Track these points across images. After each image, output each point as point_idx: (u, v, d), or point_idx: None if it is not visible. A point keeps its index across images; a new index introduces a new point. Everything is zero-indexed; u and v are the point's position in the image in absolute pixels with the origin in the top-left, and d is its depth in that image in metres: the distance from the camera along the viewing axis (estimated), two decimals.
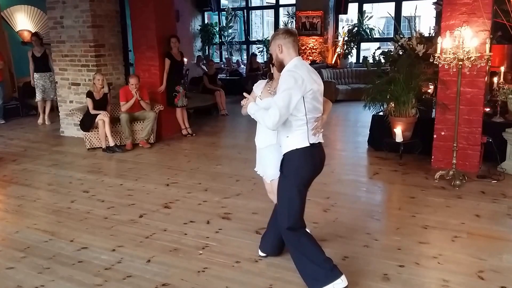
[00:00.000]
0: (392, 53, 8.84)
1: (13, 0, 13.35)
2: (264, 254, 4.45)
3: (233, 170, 7.37)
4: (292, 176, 3.80)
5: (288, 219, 3.83)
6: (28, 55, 11.27)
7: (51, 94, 11.40)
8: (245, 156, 8.14)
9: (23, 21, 13.54)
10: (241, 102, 3.96)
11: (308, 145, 3.72)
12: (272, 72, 4.12)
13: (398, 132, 7.42)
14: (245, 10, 18.86)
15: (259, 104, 3.98)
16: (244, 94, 3.97)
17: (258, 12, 23.47)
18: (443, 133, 6.99)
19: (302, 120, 3.69)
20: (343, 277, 3.72)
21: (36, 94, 11.43)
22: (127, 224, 5.37)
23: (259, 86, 4.26)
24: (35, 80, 11.33)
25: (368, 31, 15.88)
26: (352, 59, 16.10)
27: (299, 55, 3.83)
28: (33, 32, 12.46)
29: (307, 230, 3.99)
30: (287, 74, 3.65)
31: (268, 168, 4.27)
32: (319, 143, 3.83)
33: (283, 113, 3.55)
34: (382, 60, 8.93)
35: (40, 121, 11.61)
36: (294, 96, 3.56)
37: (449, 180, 6.40)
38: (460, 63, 5.95)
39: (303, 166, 3.77)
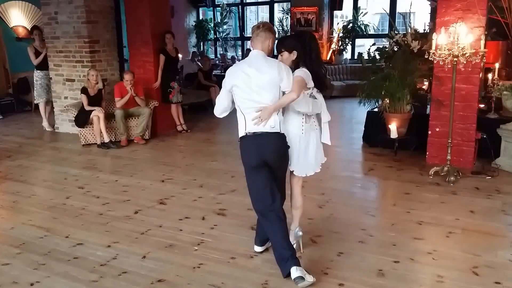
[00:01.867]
0: (387, 50, 8.83)
1: None
2: (260, 249, 4.46)
3: (228, 166, 7.37)
4: (243, 165, 4.14)
5: (253, 204, 4.14)
6: (29, 51, 10.22)
7: (51, 95, 10.45)
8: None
9: (18, 17, 13.45)
10: None
11: (244, 134, 3.99)
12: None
13: (393, 128, 7.43)
14: (240, 6, 18.81)
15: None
16: None
17: (253, 8, 23.42)
18: (437, 129, 7.00)
19: (239, 111, 4.02)
20: (294, 269, 3.80)
21: (40, 95, 10.45)
22: (122, 220, 5.37)
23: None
24: (37, 78, 10.41)
25: (363, 27, 15.84)
26: (347, 55, 16.08)
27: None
28: (31, 26, 11.81)
29: (279, 216, 3.99)
30: None
31: None
32: (262, 132, 3.93)
33: (218, 104, 4.16)
34: (377, 57, 8.92)
35: (47, 127, 10.51)
36: (222, 89, 4.07)
37: (443, 176, 6.42)
38: (455, 59, 5.96)
39: (244, 155, 4.09)
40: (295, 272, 3.77)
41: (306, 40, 4.21)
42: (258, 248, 4.47)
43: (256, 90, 3.86)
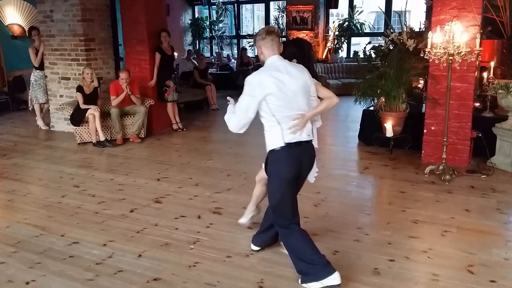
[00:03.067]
0: (382, 48, 8.85)
1: None
2: (257, 248, 4.46)
3: (224, 165, 7.37)
4: (273, 177, 3.86)
5: (275, 216, 3.91)
6: (31, 53, 10.20)
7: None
8: (236, 151, 8.16)
9: (13, 15, 13.41)
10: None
11: (283, 144, 3.71)
12: None
13: (389, 127, 7.44)
14: (235, 4, 18.80)
15: None
16: (228, 98, 4.00)
17: (249, 6, 23.42)
18: (433, 128, 7.01)
19: (272, 121, 3.70)
20: (335, 275, 3.72)
21: (38, 97, 10.37)
22: (118, 219, 5.37)
23: None
24: (37, 78, 10.33)
25: (358, 25, 15.88)
26: (343, 53, 16.10)
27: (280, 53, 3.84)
28: (29, 27, 11.88)
29: (300, 226, 3.97)
30: (247, 78, 3.72)
31: None
32: (301, 141, 3.77)
33: (241, 118, 3.71)
34: (373, 55, 8.94)
35: (42, 125, 10.50)
36: (251, 101, 3.65)
37: (439, 174, 6.43)
38: (450, 58, 5.97)
39: (280, 167, 3.78)
40: (339, 279, 3.72)
41: (306, 48, 4.25)
42: (255, 247, 4.47)
43: (291, 96, 3.67)
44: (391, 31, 8.90)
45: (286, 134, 3.70)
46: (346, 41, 16.12)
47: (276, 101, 3.64)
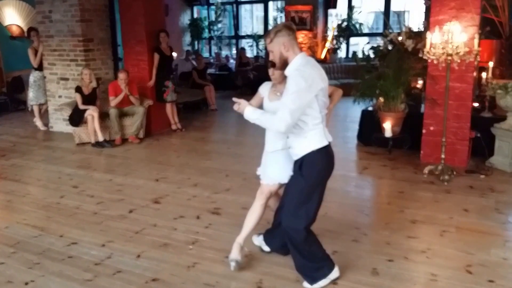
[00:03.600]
0: (381, 48, 8.85)
1: None
2: (268, 250, 4.43)
3: (223, 165, 7.37)
4: (314, 178, 3.72)
5: (306, 220, 3.75)
6: (30, 54, 10.19)
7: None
8: (235, 151, 8.15)
9: (12, 15, 13.42)
10: (234, 107, 3.72)
11: (327, 143, 3.66)
12: (272, 75, 3.93)
13: (387, 127, 7.44)
14: (234, 5, 18.80)
15: (268, 107, 3.93)
16: (234, 99, 3.70)
17: (248, 6, 23.39)
18: (432, 128, 7.02)
19: (318, 118, 3.57)
20: (337, 267, 3.89)
21: (37, 97, 10.40)
22: (116, 220, 5.37)
23: (265, 87, 4.10)
24: (36, 79, 10.35)
25: (357, 26, 15.89)
26: (342, 54, 16.11)
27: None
28: (28, 28, 11.73)
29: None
30: (296, 74, 3.47)
31: (268, 170, 4.17)
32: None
33: (295, 116, 3.41)
34: (372, 55, 8.94)
35: (41, 126, 10.46)
36: (306, 97, 3.42)
37: (437, 175, 6.44)
38: (449, 58, 5.97)
39: (325, 166, 3.73)
40: (339, 271, 3.92)
41: None
42: (267, 248, 4.44)
43: (326, 93, 3.63)
44: (390, 31, 8.90)
45: (326, 132, 3.67)
46: (345, 41, 16.13)
47: (322, 97, 3.55)
